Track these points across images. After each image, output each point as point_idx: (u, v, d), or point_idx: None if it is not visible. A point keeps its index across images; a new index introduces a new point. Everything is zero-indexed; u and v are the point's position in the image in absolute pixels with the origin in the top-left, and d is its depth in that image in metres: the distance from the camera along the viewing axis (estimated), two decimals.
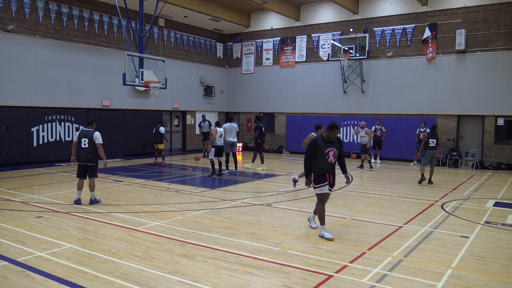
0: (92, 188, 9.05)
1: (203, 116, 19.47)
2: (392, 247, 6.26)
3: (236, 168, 14.42)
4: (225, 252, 5.93)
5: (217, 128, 13.28)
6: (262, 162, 15.50)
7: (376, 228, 7.39)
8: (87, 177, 9.04)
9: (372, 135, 16.04)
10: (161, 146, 16.38)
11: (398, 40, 18.88)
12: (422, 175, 12.43)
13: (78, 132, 9.14)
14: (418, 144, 17.16)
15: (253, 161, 15.93)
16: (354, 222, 7.79)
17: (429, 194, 10.81)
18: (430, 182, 12.45)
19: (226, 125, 14.05)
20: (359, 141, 16.74)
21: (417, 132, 17.30)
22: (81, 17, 17.05)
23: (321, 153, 6.67)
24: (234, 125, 14.33)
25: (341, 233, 7.01)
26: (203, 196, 10.15)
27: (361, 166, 16.09)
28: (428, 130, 17.12)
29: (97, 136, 8.90)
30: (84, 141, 8.84)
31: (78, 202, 8.98)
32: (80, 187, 9.01)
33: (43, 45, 15.72)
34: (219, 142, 13.22)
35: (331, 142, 6.75)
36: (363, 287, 4.78)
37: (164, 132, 16.53)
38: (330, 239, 6.57)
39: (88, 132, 8.94)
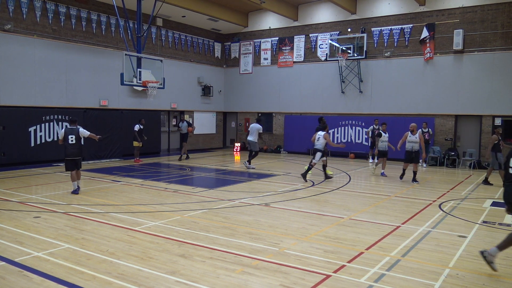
0: (79, 177, 10.30)
1: (182, 117, 18.66)
2: (390, 247, 6.27)
3: (248, 163, 15.61)
4: (223, 252, 5.93)
5: (321, 133, 12.81)
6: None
7: (374, 228, 7.41)
8: (76, 169, 10.15)
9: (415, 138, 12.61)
10: (134, 144, 16.61)
11: (396, 40, 18.91)
12: None
13: (63, 130, 10.18)
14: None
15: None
16: (352, 222, 7.80)
17: (426, 194, 10.84)
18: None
19: (252, 125, 15.68)
20: (407, 147, 12.50)
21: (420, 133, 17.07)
22: (79, 17, 17.02)
23: None
24: (257, 126, 15.40)
25: (339, 233, 7.02)
26: (201, 196, 10.15)
27: (414, 180, 12.62)
28: (430, 130, 17.15)
29: (84, 131, 10.14)
30: (71, 137, 9.95)
31: (76, 192, 10.05)
32: (74, 178, 10.13)
33: (40, 44, 15.68)
34: (318, 146, 12.70)
35: None
36: (361, 287, 4.79)
37: (136, 129, 16.53)
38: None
39: (73, 129, 10.06)
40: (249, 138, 15.43)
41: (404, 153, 12.81)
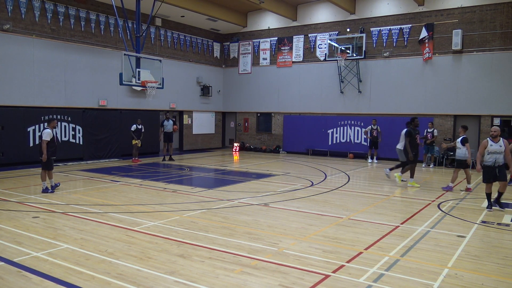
0: (42, 178, 10.27)
1: (167, 115, 18.17)
2: (388, 247, 6.28)
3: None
4: (222, 252, 5.93)
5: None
6: (412, 177, 12.12)
7: (373, 227, 7.41)
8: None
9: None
10: (133, 142, 16.69)
11: (394, 40, 18.92)
12: None
13: None
14: (426, 146, 16.95)
15: (402, 173, 12.29)
16: (351, 222, 7.81)
17: (425, 194, 10.85)
18: None
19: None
20: (487, 161, 8.91)
21: (424, 133, 16.82)
22: (78, 17, 17.00)
23: None
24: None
25: (338, 233, 7.02)
26: (200, 196, 10.14)
27: (498, 203, 9.14)
28: (436, 131, 17.01)
29: (43, 133, 10.05)
30: (39, 137, 10.22)
31: (52, 187, 10.37)
32: (49, 176, 10.40)
33: (39, 44, 15.66)
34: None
35: None
36: (360, 287, 4.79)
37: (132, 129, 16.57)
38: None
39: (43, 130, 10.23)
40: (397, 145, 12.49)
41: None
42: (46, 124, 10.63)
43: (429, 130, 16.85)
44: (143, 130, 16.88)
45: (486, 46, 16.90)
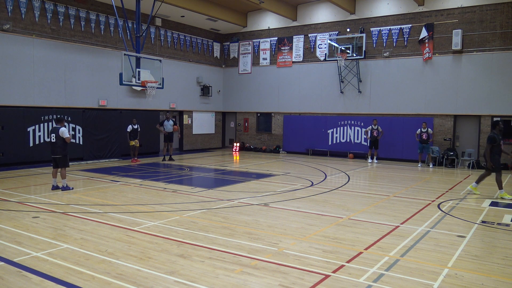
0: (62, 176, 10.42)
1: (167, 115, 18.23)
2: (388, 247, 6.28)
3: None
4: (222, 252, 5.93)
5: None
6: (501, 188, 10.51)
7: (372, 227, 7.41)
8: (59, 167, 10.41)
9: None
10: (130, 143, 16.77)
11: (394, 40, 18.91)
12: None
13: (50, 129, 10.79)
14: (421, 145, 17.04)
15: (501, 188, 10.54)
16: (351, 222, 7.81)
17: (425, 194, 10.85)
18: None
19: None
20: None
21: (417, 132, 17.08)
22: (78, 17, 17.00)
23: None
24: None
25: (338, 233, 7.02)
26: (200, 196, 10.14)
27: None
28: (430, 130, 17.05)
29: (63, 131, 10.19)
30: (52, 136, 10.27)
31: (53, 187, 10.48)
32: (54, 175, 10.53)
33: (39, 44, 15.66)
34: None
35: None
36: (360, 287, 4.79)
37: (128, 130, 16.68)
38: None
39: (55, 128, 10.30)
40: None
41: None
42: (55, 122, 10.62)
43: (423, 130, 16.87)
44: (139, 130, 16.88)
45: (486, 46, 16.90)
